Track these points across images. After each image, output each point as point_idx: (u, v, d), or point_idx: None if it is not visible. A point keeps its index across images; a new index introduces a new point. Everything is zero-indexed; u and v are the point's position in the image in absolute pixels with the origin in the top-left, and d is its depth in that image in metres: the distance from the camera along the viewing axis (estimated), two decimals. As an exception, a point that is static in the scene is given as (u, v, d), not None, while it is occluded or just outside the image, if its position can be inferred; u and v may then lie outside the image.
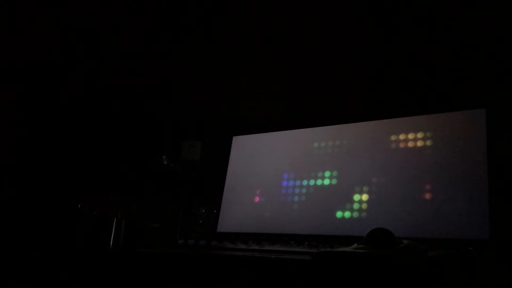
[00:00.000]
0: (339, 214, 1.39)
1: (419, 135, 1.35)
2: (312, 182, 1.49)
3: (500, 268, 0.84)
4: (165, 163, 1.57)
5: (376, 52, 1.64)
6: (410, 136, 1.37)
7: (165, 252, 1.22)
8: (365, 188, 1.38)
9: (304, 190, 1.49)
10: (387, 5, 1.65)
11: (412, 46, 1.57)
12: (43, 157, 1.81)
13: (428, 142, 1.33)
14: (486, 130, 1.24)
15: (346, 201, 1.39)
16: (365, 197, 1.37)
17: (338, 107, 1.66)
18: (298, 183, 1.52)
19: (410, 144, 1.36)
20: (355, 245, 0.92)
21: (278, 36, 1.88)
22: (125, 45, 2.02)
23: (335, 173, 1.46)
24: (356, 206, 1.37)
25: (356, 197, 1.38)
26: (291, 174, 1.55)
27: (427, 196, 1.26)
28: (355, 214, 1.36)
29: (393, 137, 1.40)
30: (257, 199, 1.57)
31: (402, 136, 1.38)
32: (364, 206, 1.35)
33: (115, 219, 1.36)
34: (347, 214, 1.37)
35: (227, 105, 1.91)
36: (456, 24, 1.51)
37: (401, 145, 1.37)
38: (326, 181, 1.46)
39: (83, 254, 1.33)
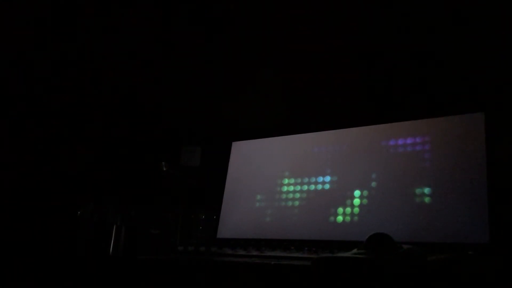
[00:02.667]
0: (339, 218, 1.39)
1: (418, 139, 1.35)
2: (312, 187, 1.49)
3: (500, 272, 0.84)
4: (165, 169, 1.57)
5: (375, 57, 1.65)
6: (409, 140, 1.37)
7: (165, 259, 1.22)
8: (365, 193, 1.38)
9: (304, 195, 1.49)
10: (386, 9, 1.66)
11: (411, 51, 1.58)
12: (43, 164, 1.81)
13: (427, 146, 1.33)
14: (485, 134, 1.24)
15: (346, 206, 1.39)
16: (364, 201, 1.36)
17: (337, 112, 1.66)
18: (298, 188, 1.52)
19: (409, 148, 1.36)
20: (355, 250, 0.92)
21: (277, 44, 1.88)
22: (128, 50, 2.03)
23: (335, 178, 1.46)
24: (356, 210, 1.37)
25: (356, 201, 1.38)
26: (290, 179, 1.55)
27: (427, 200, 1.26)
28: (355, 219, 1.35)
29: (392, 142, 1.40)
30: (256, 204, 1.57)
31: (401, 141, 1.38)
32: (363, 210, 1.35)
33: (115, 225, 1.35)
34: (347, 218, 1.37)
35: (227, 111, 1.91)
36: (455, 28, 1.51)
37: (400, 149, 1.37)
38: (326, 186, 1.46)
39: (83, 260, 1.32)
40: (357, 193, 1.39)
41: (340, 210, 1.39)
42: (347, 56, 1.72)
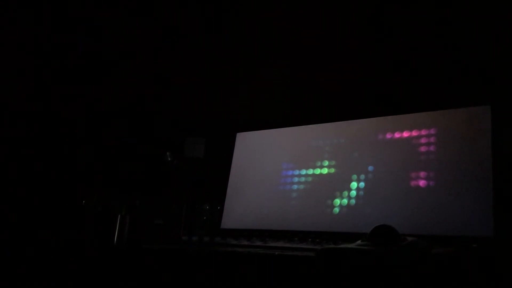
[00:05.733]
0: (343, 210, 1.38)
1: (423, 132, 1.35)
2: (316, 179, 1.49)
3: (504, 265, 0.84)
4: (169, 159, 1.57)
5: (379, 49, 1.64)
6: (414, 133, 1.36)
7: (169, 248, 1.22)
8: (369, 185, 1.37)
9: (308, 186, 1.49)
10: (389, 4, 1.64)
11: (416, 43, 1.56)
12: (47, 153, 1.81)
13: (432, 139, 1.32)
14: (491, 127, 1.23)
15: (350, 198, 1.39)
16: (369, 193, 1.36)
17: (341, 104, 1.66)
18: (302, 179, 1.52)
19: (415, 141, 1.35)
20: (359, 242, 0.92)
21: (281, 36, 1.87)
22: (131, 46, 2.03)
23: (339, 170, 1.46)
24: (360, 202, 1.36)
25: (361, 193, 1.38)
26: (295, 170, 1.55)
27: (431, 193, 1.25)
28: (359, 210, 1.35)
29: (397, 134, 1.39)
30: (260, 195, 1.57)
31: (406, 133, 1.38)
32: (368, 202, 1.35)
33: (119, 215, 1.36)
34: (352, 210, 1.37)
35: (231, 102, 1.90)
36: (461, 20, 1.50)
37: (405, 142, 1.37)
38: (331, 178, 1.46)
39: (87, 249, 1.33)
40: (361, 184, 1.39)
41: (345, 201, 1.39)
42: (351, 49, 1.71)
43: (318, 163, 1.51)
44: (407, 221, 1.25)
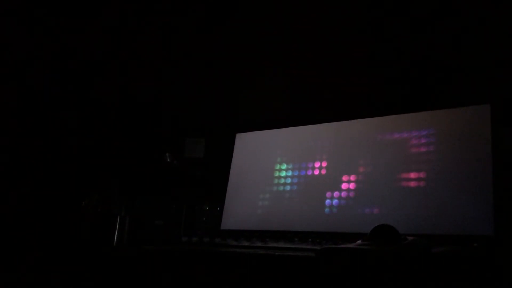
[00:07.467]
0: (342, 210, 1.38)
1: (423, 131, 1.34)
2: (317, 179, 1.48)
3: (505, 264, 0.84)
4: (169, 160, 1.57)
5: (379, 48, 1.64)
6: (414, 132, 1.36)
7: (169, 249, 1.22)
8: (368, 185, 1.37)
9: (309, 187, 1.49)
10: (388, 2, 1.64)
11: (415, 41, 1.56)
12: (46, 154, 1.81)
13: (432, 139, 1.32)
14: (491, 126, 1.23)
15: (349, 197, 1.39)
16: (369, 193, 1.36)
17: (341, 103, 1.66)
18: (303, 180, 1.51)
19: (414, 141, 1.35)
20: (359, 242, 0.92)
21: (281, 37, 1.87)
22: (130, 45, 2.03)
23: (338, 170, 1.45)
24: (360, 202, 1.36)
25: (360, 193, 1.37)
26: (295, 170, 1.54)
27: (432, 192, 1.25)
28: (359, 210, 1.35)
29: (396, 134, 1.39)
30: (260, 196, 1.57)
31: (405, 133, 1.38)
32: (367, 202, 1.35)
33: (118, 216, 1.36)
34: (351, 210, 1.37)
35: (231, 103, 1.90)
36: (460, 19, 1.50)
37: (405, 141, 1.37)
38: (330, 178, 1.46)
39: (87, 251, 1.33)
40: (361, 184, 1.38)
41: (345, 201, 1.39)
42: (349, 49, 1.71)
43: (319, 163, 1.50)
44: (407, 221, 1.24)
